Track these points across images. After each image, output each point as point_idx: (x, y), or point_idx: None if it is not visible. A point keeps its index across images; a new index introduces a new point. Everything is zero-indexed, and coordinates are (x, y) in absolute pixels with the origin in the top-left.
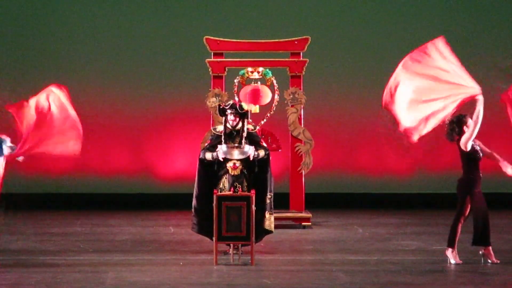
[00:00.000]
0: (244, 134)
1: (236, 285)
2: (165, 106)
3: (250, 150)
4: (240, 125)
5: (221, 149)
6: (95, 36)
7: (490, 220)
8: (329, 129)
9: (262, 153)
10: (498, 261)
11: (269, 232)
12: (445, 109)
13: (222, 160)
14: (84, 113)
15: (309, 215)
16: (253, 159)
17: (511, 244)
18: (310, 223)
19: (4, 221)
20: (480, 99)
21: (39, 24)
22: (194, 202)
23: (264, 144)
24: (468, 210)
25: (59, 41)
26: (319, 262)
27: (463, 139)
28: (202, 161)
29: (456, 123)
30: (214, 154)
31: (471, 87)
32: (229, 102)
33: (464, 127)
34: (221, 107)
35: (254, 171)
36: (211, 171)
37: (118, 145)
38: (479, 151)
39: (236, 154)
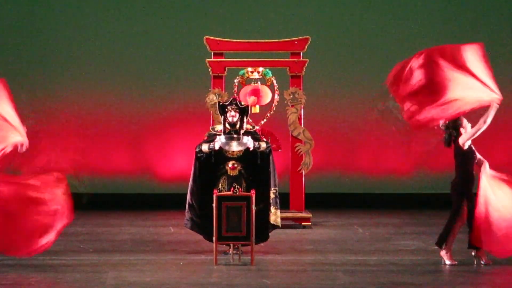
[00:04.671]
0: (242, 131)
1: (236, 285)
2: (165, 106)
3: (249, 141)
4: (239, 123)
5: (220, 140)
6: (95, 36)
7: None
8: (329, 129)
9: (264, 144)
10: (491, 262)
11: (276, 227)
12: (462, 105)
13: (217, 150)
14: (84, 113)
15: (309, 215)
16: (253, 149)
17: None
18: (310, 223)
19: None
20: (495, 106)
21: (39, 24)
22: (188, 197)
23: (265, 140)
24: (466, 212)
25: (59, 41)
26: (319, 262)
27: (464, 136)
28: (198, 156)
29: (452, 127)
30: (211, 144)
31: (494, 92)
32: (227, 99)
33: (461, 129)
34: (220, 103)
35: (256, 163)
36: (208, 164)
37: (118, 145)
38: (476, 152)
39: (234, 146)
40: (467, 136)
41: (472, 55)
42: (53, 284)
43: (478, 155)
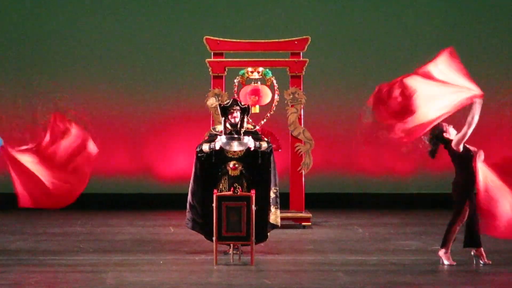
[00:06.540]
0: (243, 130)
1: (236, 285)
2: (165, 106)
3: (249, 141)
4: (240, 123)
5: (220, 140)
6: (95, 36)
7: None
8: (329, 129)
9: (265, 144)
10: (490, 262)
11: (275, 226)
12: (446, 112)
13: (218, 149)
14: (85, 113)
15: (309, 215)
16: (254, 149)
17: (511, 244)
18: (310, 223)
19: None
20: (478, 102)
21: (38, 24)
22: (189, 197)
23: (266, 139)
24: (467, 213)
25: (59, 41)
26: (319, 262)
27: (455, 140)
28: (199, 156)
29: (436, 136)
30: (212, 144)
31: (472, 90)
32: (228, 101)
33: (445, 134)
34: (221, 106)
35: (257, 163)
36: (208, 164)
37: (118, 145)
38: (471, 149)
39: (235, 146)
40: (458, 137)
41: (443, 64)
42: (53, 284)
43: (472, 148)
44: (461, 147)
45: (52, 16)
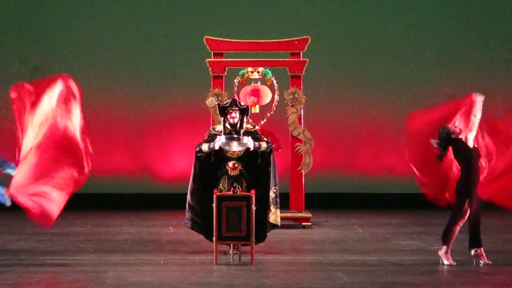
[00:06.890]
0: (242, 130)
1: (236, 285)
2: (165, 106)
3: (249, 141)
4: (239, 124)
5: (220, 140)
6: (95, 36)
7: (490, 221)
8: (329, 129)
9: (264, 144)
10: (490, 262)
11: (276, 226)
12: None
13: (217, 149)
14: (84, 113)
15: (309, 215)
16: (254, 149)
17: (511, 244)
18: (310, 223)
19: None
20: (479, 98)
21: (39, 25)
22: (188, 197)
23: (265, 139)
24: (468, 213)
25: (59, 41)
26: (319, 262)
27: (469, 136)
28: (198, 156)
29: (444, 139)
30: (211, 144)
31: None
32: (228, 100)
33: (453, 135)
34: (221, 105)
35: (256, 164)
36: (208, 164)
37: (118, 145)
38: (478, 150)
39: (235, 146)
40: (471, 134)
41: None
42: (53, 284)
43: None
44: (470, 142)
45: (52, 17)
